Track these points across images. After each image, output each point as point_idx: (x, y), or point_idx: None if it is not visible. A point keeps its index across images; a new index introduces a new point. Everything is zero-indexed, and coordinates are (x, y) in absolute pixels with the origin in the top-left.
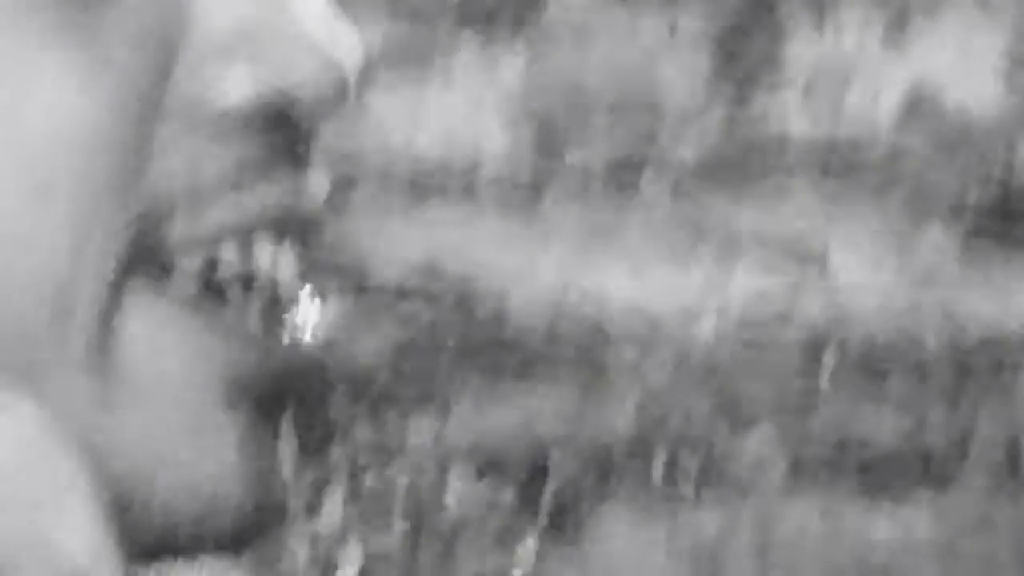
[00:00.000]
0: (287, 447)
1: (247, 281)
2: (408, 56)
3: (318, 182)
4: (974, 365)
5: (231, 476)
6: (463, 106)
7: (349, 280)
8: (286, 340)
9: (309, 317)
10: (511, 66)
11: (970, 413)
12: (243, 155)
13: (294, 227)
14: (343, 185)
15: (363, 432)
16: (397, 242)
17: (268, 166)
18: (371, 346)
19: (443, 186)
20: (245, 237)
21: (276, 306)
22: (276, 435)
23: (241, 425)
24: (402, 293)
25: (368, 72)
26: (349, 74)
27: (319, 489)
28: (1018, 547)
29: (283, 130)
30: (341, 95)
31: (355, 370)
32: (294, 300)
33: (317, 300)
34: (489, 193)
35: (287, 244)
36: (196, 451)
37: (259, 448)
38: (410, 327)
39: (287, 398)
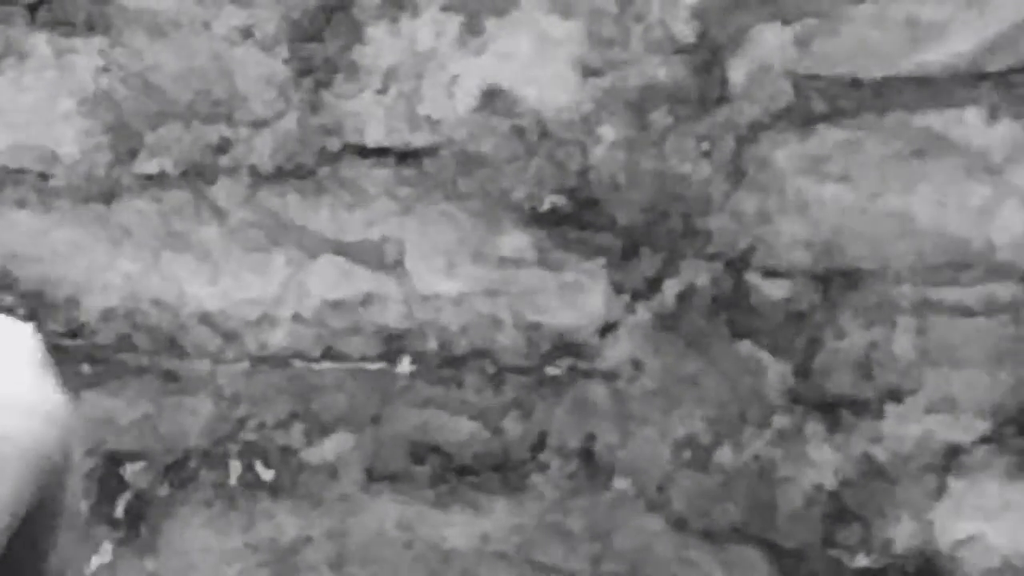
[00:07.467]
0: None
1: None
2: None
3: None
4: (549, 371)
5: None
6: (36, 110)
7: None
8: None
9: None
10: (85, 69)
11: (545, 420)
12: None
13: None
14: None
15: None
16: None
17: None
18: None
19: (14, 192)
20: None
21: None
22: None
23: None
24: None
25: None
26: None
27: None
28: (592, 553)
29: None
30: None
31: None
32: None
33: None
34: (62, 198)
35: None
36: None
37: None
38: None
39: None
